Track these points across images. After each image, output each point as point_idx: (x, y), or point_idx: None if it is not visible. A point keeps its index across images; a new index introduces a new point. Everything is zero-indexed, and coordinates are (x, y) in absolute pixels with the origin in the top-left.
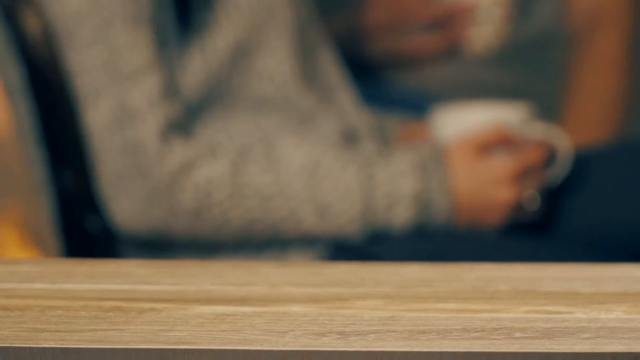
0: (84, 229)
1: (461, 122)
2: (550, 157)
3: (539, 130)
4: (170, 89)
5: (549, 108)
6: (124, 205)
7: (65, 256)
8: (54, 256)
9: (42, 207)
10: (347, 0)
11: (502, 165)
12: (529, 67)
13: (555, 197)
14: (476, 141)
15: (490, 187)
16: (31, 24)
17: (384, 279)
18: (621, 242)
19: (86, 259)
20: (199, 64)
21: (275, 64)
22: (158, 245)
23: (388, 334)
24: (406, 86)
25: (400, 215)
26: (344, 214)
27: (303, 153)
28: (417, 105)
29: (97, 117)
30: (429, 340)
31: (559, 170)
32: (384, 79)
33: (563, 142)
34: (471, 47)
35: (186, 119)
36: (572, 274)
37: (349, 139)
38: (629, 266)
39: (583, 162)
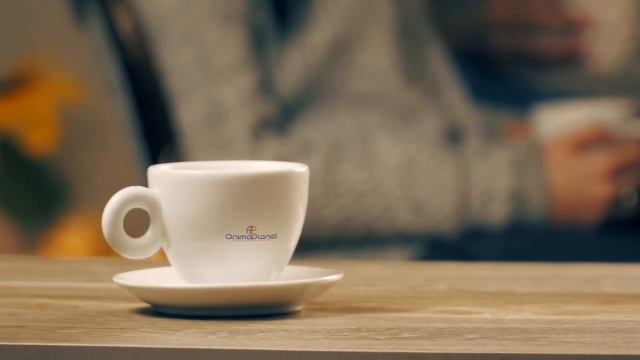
0: None
1: (561, 119)
2: None
3: None
4: (264, 87)
5: None
6: None
7: None
8: None
9: None
10: None
11: (599, 162)
12: None
13: None
14: (574, 138)
15: (586, 184)
16: (124, 22)
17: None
18: None
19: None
20: (298, 61)
21: (376, 59)
22: None
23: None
24: (522, 83)
25: (496, 211)
26: (440, 212)
27: (399, 151)
28: (529, 103)
29: (189, 114)
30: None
31: None
32: (501, 76)
33: None
34: (596, 64)
35: (281, 117)
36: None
37: (454, 135)
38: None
39: None
